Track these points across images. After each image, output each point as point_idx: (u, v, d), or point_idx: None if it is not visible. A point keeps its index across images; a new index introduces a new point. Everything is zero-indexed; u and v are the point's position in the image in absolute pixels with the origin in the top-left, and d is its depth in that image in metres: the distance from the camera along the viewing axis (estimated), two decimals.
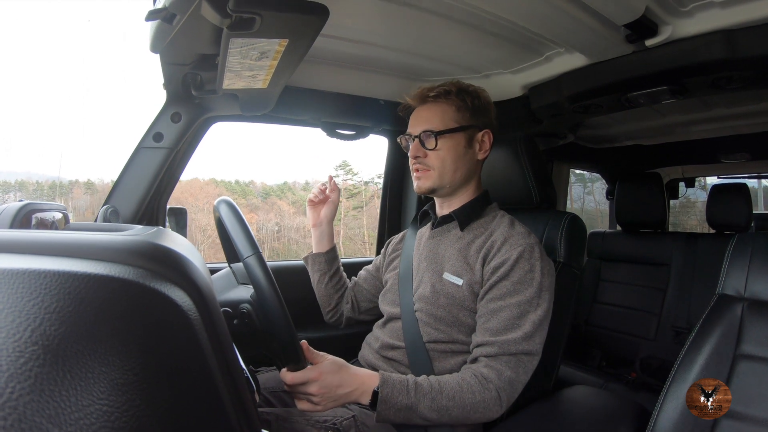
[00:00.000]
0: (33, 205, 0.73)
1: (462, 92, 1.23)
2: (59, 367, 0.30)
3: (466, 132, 1.21)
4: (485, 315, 1.09)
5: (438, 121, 1.21)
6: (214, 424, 0.43)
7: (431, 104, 1.24)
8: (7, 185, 6.03)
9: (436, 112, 1.22)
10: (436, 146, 1.19)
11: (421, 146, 1.21)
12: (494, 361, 1.04)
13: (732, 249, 1.16)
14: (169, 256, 0.43)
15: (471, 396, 1.01)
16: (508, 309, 1.07)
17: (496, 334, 1.06)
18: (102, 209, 1.36)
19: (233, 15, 0.85)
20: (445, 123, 1.20)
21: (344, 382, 0.99)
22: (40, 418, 0.27)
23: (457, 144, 1.20)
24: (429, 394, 1.00)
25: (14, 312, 0.31)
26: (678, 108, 1.98)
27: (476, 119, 1.23)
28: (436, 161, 1.20)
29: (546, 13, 1.13)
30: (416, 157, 1.22)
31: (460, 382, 1.02)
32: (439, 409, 0.99)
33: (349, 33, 1.33)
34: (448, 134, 1.20)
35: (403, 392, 0.99)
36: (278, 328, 0.88)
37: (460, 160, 1.21)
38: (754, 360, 1.01)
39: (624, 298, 2.43)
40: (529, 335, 1.06)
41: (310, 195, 1.49)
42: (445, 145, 1.20)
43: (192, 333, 0.41)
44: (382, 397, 0.98)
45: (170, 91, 1.41)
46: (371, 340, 1.33)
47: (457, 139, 1.21)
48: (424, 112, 1.24)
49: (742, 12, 1.10)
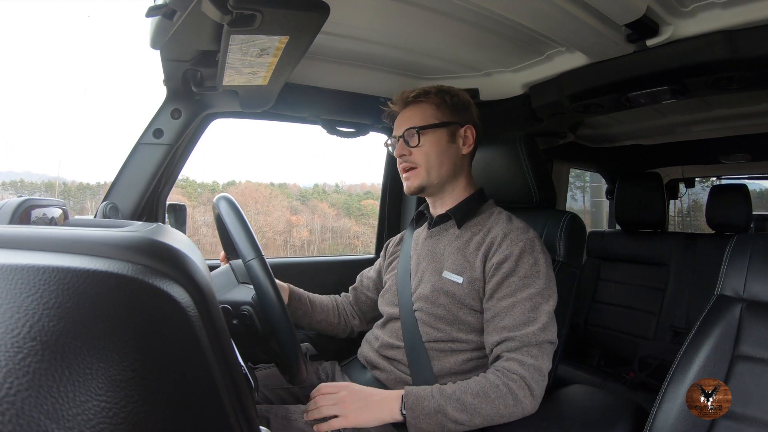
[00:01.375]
0: (32, 201, 0.73)
1: (441, 92, 1.27)
2: (57, 363, 0.30)
3: (447, 128, 1.25)
4: (499, 314, 1.09)
5: (419, 120, 1.24)
6: (212, 420, 0.43)
7: (412, 106, 1.28)
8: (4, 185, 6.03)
9: (417, 112, 1.26)
10: (419, 143, 1.23)
11: (406, 145, 1.24)
12: (515, 353, 1.05)
13: (731, 250, 1.16)
14: (169, 252, 0.43)
15: (496, 390, 1.01)
16: (521, 304, 1.08)
17: (513, 329, 1.06)
18: (101, 205, 1.36)
19: (234, 11, 0.85)
20: (426, 120, 1.24)
21: (373, 392, 1.05)
22: (38, 414, 0.27)
23: (439, 139, 1.24)
24: (454, 395, 1.00)
25: (13, 308, 0.31)
26: (678, 108, 1.98)
27: (456, 115, 1.26)
28: (421, 157, 1.23)
29: (547, 12, 1.13)
30: (402, 156, 1.25)
31: (482, 380, 1.03)
32: (467, 408, 0.99)
33: (350, 30, 1.33)
34: (429, 129, 1.23)
35: (428, 397, 1.00)
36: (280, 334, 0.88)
37: (444, 154, 1.24)
38: (752, 361, 1.01)
39: (623, 297, 2.44)
40: (546, 326, 1.07)
41: None
42: (428, 141, 1.23)
43: (190, 330, 0.41)
44: (409, 404, 1.00)
45: (170, 87, 1.41)
46: (371, 338, 1.33)
47: (440, 134, 1.24)
48: (406, 114, 1.28)
49: (744, 12, 1.10)
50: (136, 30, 3.00)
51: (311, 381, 1.29)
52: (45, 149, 8.84)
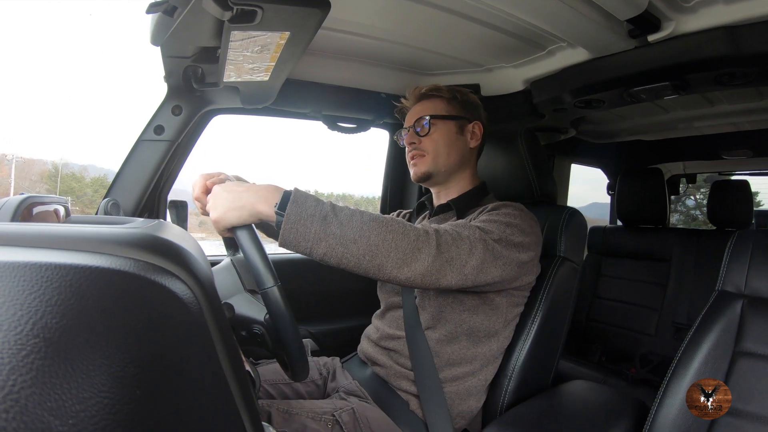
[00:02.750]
0: (34, 198, 0.73)
1: (452, 90, 1.31)
2: (61, 360, 0.30)
3: (457, 121, 1.28)
4: None
5: (430, 111, 1.28)
6: (214, 416, 0.43)
7: (424, 101, 1.32)
8: None
9: (428, 105, 1.30)
10: (429, 131, 1.26)
11: (416, 134, 1.27)
12: None
13: (732, 245, 1.16)
14: (170, 248, 0.43)
15: (396, 223, 0.91)
16: None
17: None
18: (103, 202, 1.36)
19: (234, 7, 0.84)
20: (437, 111, 1.28)
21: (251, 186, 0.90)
22: (42, 411, 0.27)
23: (449, 130, 1.27)
24: (347, 210, 0.89)
25: (16, 305, 0.31)
26: (680, 104, 1.97)
27: (466, 112, 1.30)
28: (430, 145, 1.26)
29: (549, 8, 1.12)
30: (411, 144, 1.28)
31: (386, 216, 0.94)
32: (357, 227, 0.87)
33: (351, 26, 1.33)
34: (440, 119, 1.26)
35: (318, 202, 0.87)
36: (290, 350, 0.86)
37: (452, 145, 1.26)
38: (753, 357, 1.01)
39: (624, 293, 2.44)
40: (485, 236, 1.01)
41: None
42: (437, 130, 1.26)
43: (193, 325, 0.41)
44: (294, 197, 0.85)
45: (171, 83, 1.41)
46: (370, 331, 1.34)
47: (449, 126, 1.27)
48: (417, 107, 1.31)
49: (746, 8, 1.09)
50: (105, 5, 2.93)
51: (312, 377, 1.30)
52: None
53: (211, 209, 0.89)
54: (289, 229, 0.84)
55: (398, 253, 0.88)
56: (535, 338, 1.21)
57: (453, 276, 0.95)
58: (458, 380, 1.14)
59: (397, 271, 0.89)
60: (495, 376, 1.20)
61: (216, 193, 0.89)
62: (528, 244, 1.10)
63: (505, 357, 1.21)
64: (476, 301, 1.14)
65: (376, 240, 0.87)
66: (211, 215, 0.88)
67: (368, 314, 1.42)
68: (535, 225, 1.15)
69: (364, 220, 0.88)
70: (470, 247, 0.97)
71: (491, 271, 1.01)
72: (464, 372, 1.15)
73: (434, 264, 0.91)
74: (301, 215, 0.84)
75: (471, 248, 0.97)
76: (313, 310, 1.80)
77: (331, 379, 1.32)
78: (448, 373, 1.14)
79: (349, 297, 1.93)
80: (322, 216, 0.85)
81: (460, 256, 0.95)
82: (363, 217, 0.88)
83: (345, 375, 1.30)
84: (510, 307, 1.17)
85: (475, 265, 0.97)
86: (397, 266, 0.89)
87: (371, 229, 0.87)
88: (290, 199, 0.85)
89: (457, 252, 0.95)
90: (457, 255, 0.95)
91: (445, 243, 0.94)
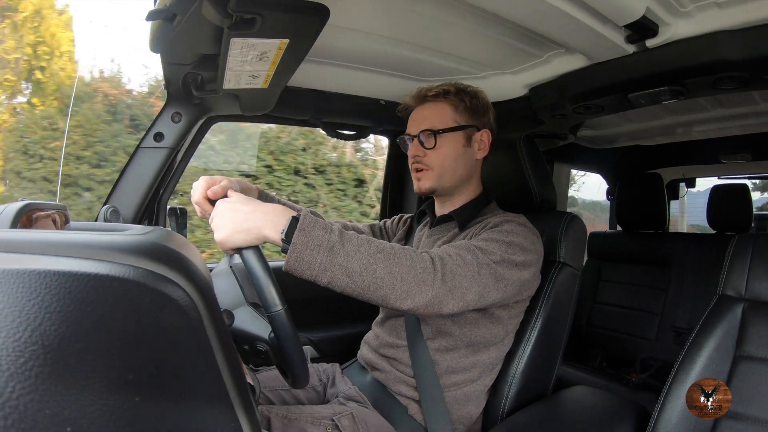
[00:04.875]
0: (33, 205, 0.73)
1: (460, 92, 1.23)
2: (59, 367, 0.30)
3: (464, 131, 1.22)
4: None
5: (437, 120, 1.21)
6: (214, 423, 0.43)
7: (430, 104, 1.24)
8: None
9: (435, 111, 1.23)
10: (436, 145, 1.19)
11: (421, 146, 1.21)
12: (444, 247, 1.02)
13: (732, 249, 1.16)
14: (170, 256, 0.43)
15: (403, 253, 0.90)
16: None
17: None
18: (102, 209, 1.36)
19: (234, 15, 0.85)
20: (444, 122, 1.21)
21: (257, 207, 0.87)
22: (41, 417, 0.27)
23: (456, 143, 1.21)
24: (355, 240, 0.87)
25: (14, 312, 0.31)
26: (679, 108, 1.97)
27: (475, 119, 1.24)
28: (435, 160, 1.20)
29: (547, 14, 1.12)
30: (416, 156, 1.22)
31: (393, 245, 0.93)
32: (364, 258, 0.86)
33: (350, 33, 1.33)
34: (447, 133, 1.20)
35: (326, 228, 0.85)
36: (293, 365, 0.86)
37: (459, 159, 1.21)
38: (754, 360, 1.01)
39: (625, 298, 2.43)
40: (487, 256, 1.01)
41: None
42: (444, 144, 1.20)
43: (192, 332, 0.41)
44: (301, 224, 0.83)
45: (171, 90, 1.41)
46: (370, 338, 1.33)
47: (456, 138, 1.21)
48: (423, 112, 1.25)
49: (743, 13, 1.10)
50: None
51: (312, 383, 1.30)
52: None
53: (215, 229, 0.87)
54: (294, 257, 0.83)
55: (403, 285, 0.88)
56: (536, 344, 1.20)
57: (454, 304, 0.95)
58: (457, 386, 1.14)
59: (401, 302, 0.89)
60: (495, 382, 1.19)
61: (221, 212, 0.87)
62: (529, 261, 1.09)
63: (505, 363, 1.20)
64: (477, 315, 1.13)
65: (382, 273, 0.86)
66: (216, 236, 0.87)
67: (368, 321, 1.42)
68: (537, 240, 1.14)
69: (371, 251, 0.87)
70: (473, 273, 0.97)
71: (492, 295, 1.01)
72: (463, 379, 1.14)
73: (438, 294, 0.91)
74: (308, 245, 0.83)
75: (473, 275, 0.97)
76: (313, 317, 1.79)
77: (331, 385, 1.31)
78: (447, 380, 1.13)
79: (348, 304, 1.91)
80: (329, 246, 0.84)
81: (463, 284, 0.95)
82: (371, 248, 0.87)
83: (344, 381, 1.29)
84: (511, 318, 1.17)
85: (477, 291, 0.97)
86: (400, 298, 0.88)
87: (378, 262, 0.86)
88: (297, 226, 0.83)
89: (460, 281, 0.94)
90: (459, 284, 0.94)
91: (450, 272, 0.93)
